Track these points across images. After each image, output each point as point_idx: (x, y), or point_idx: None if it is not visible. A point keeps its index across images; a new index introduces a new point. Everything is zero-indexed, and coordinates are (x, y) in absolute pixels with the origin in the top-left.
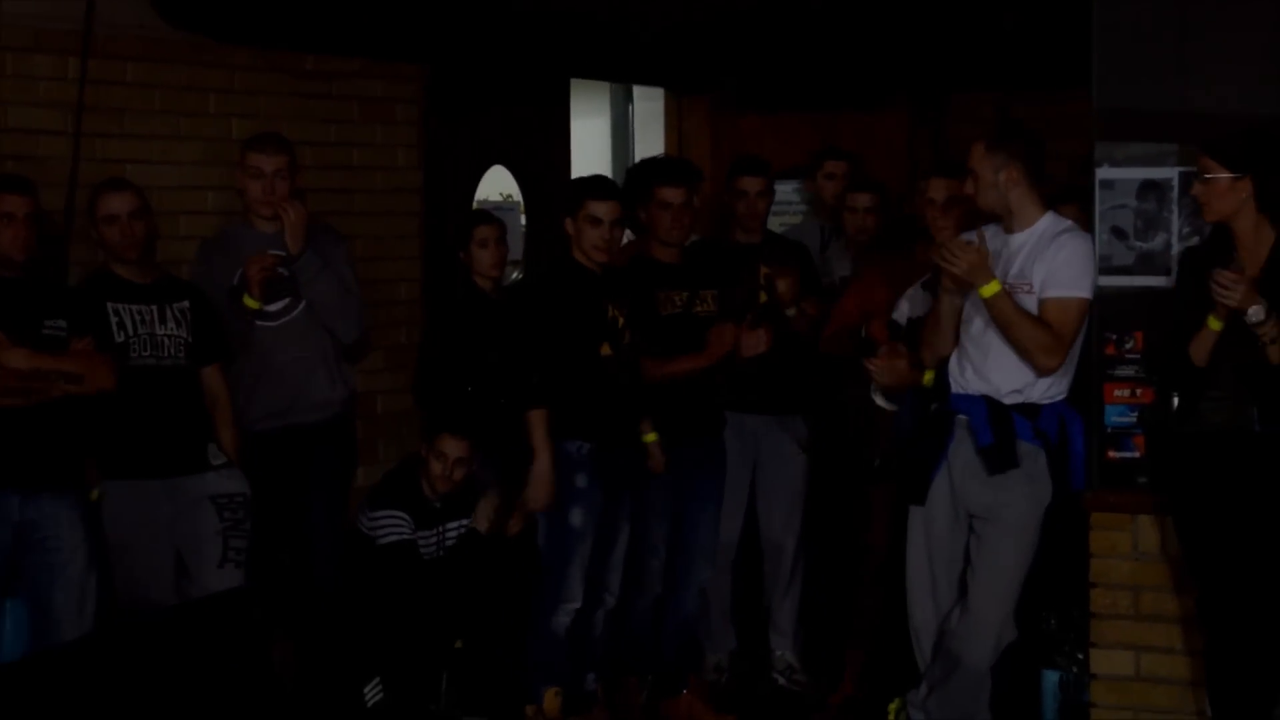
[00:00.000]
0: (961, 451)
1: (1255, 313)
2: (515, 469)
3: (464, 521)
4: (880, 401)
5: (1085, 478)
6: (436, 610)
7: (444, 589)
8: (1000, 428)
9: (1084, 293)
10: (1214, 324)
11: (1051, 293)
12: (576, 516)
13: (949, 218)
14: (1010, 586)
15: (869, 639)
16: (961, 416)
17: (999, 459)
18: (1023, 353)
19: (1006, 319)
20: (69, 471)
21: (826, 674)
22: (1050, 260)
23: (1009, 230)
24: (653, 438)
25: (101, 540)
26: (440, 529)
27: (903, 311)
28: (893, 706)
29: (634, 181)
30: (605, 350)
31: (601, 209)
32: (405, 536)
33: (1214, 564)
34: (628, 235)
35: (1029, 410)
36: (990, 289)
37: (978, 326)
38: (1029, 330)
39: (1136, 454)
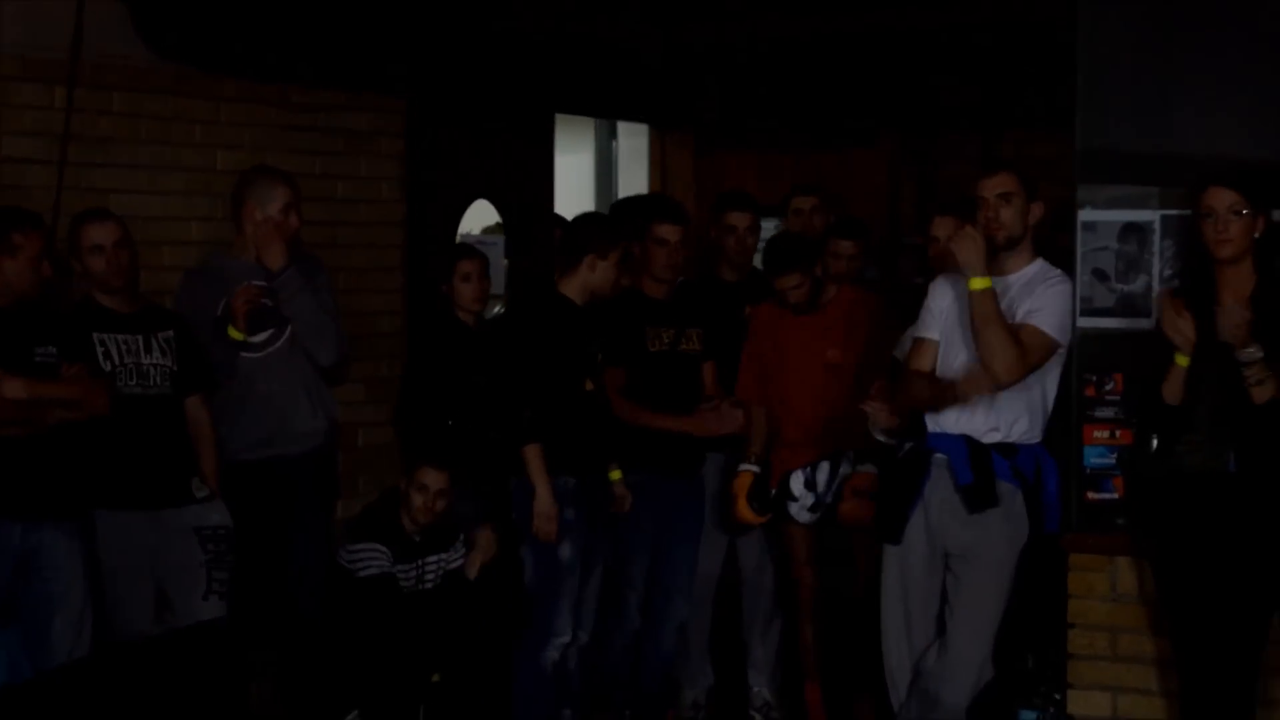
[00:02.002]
0: (939, 490)
1: (1250, 352)
2: (496, 502)
3: (443, 555)
4: (881, 438)
5: (1061, 519)
6: (414, 643)
7: (422, 622)
8: (980, 467)
9: (1059, 336)
10: (1181, 360)
11: (1032, 320)
12: (566, 550)
13: (953, 255)
14: (989, 625)
15: (837, 675)
16: (939, 455)
17: (979, 498)
18: (987, 356)
19: (985, 316)
20: (69, 500)
21: (803, 712)
22: (1039, 297)
23: (1001, 272)
24: (617, 475)
25: (98, 570)
26: (419, 563)
27: (904, 349)
28: None
29: (628, 217)
30: (588, 385)
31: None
32: (385, 570)
33: (1189, 606)
34: None
35: (1007, 450)
36: (980, 283)
37: (958, 368)
38: (1001, 336)
39: (1115, 495)
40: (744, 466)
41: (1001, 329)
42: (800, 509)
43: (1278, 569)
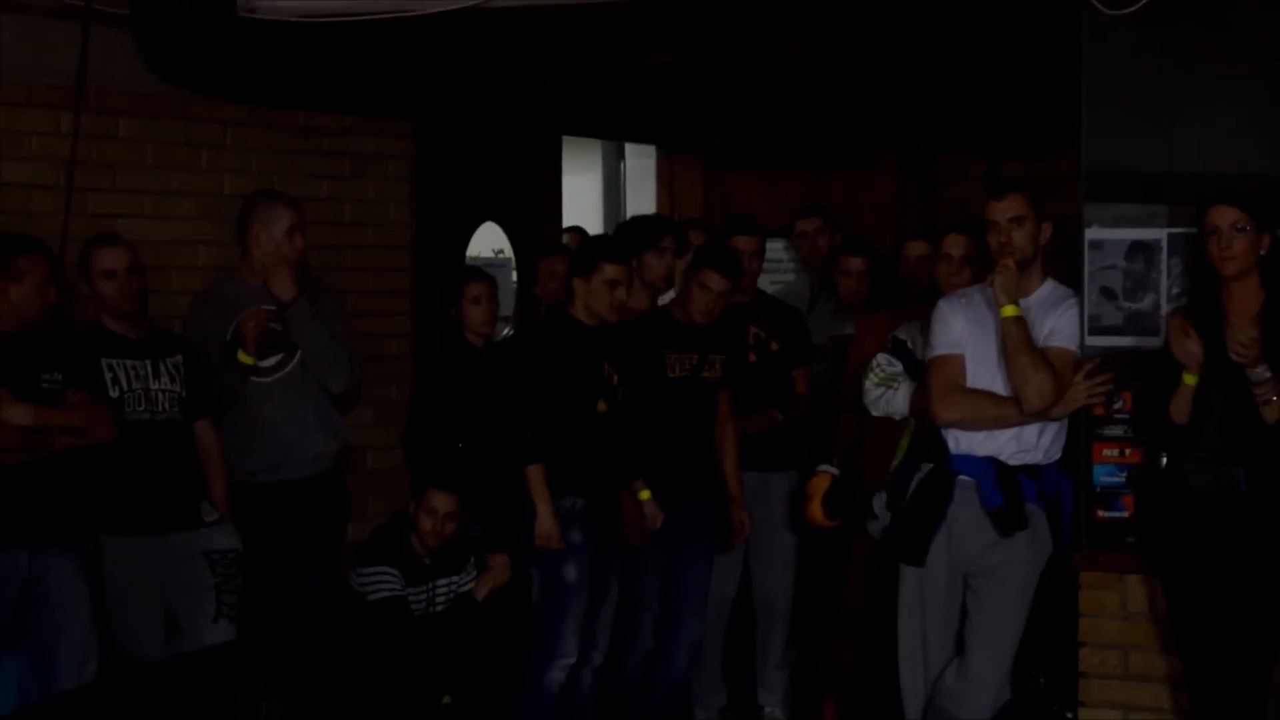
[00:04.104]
0: (963, 512)
1: (1259, 372)
2: (505, 524)
3: (454, 579)
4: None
5: (1071, 538)
6: (425, 665)
7: (433, 645)
8: (1009, 489)
9: (1078, 353)
10: (1189, 379)
11: (1056, 342)
12: (571, 572)
13: (964, 274)
14: (1011, 646)
15: (845, 692)
16: (964, 478)
17: (1009, 521)
18: (1020, 382)
19: (1016, 343)
20: (75, 526)
21: None
22: (1058, 318)
23: None
24: (646, 495)
25: (103, 595)
26: (430, 585)
27: (917, 340)
28: None
29: (631, 236)
30: (601, 407)
31: (618, 272)
32: (396, 593)
33: (1200, 624)
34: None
35: (1032, 471)
36: (1012, 310)
37: (985, 386)
38: (1033, 363)
39: (1125, 514)
40: (823, 468)
41: (1034, 354)
42: (879, 528)
43: None
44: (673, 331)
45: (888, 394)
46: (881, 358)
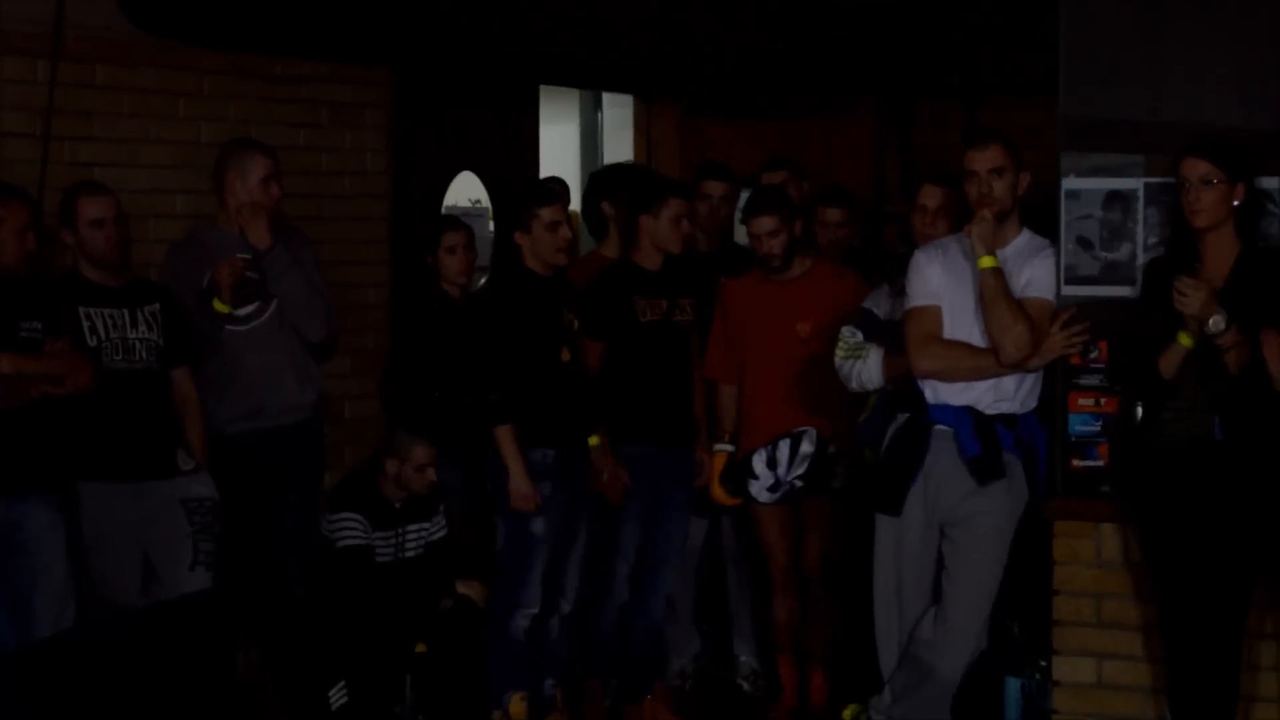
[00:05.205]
0: (940, 462)
1: (1215, 322)
2: (479, 475)
3: (424, 525)
4: (870, 388)
5: (1046, 487)
6: (397, 613)
7: (404, 591)
8: (986, 439)
9: (1054, 303)
10: (1185, 340)
11: (1033, 293)
12: (539, 524)
13: (939, 225)
14: (989, 596)
15: (817, 647)
16: (941, 427)
17: (987, 470)
18: (998, 333)
19: (994, 295)
20: (52, 474)
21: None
22: (1036, 268)
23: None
24: (595, 441)
25: (80, 542)
26: (400, 531)
27: (884, 308)
28: (847, 713)
29: (607, 186)
30: (565, 356)
31: (553, 213)
32: (360, 540)
33: (1174, 572)
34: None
35: (1009, 421)
36: (990, 261)
37: (962, 338)
38: (1011, 314)
39: (1100, 463)
40: (718, 446)
41: (1012, 306)
42: (760, 488)
43: (1262, 535)
44: (639, 278)
45: (858, 365)
46: (845, 329)
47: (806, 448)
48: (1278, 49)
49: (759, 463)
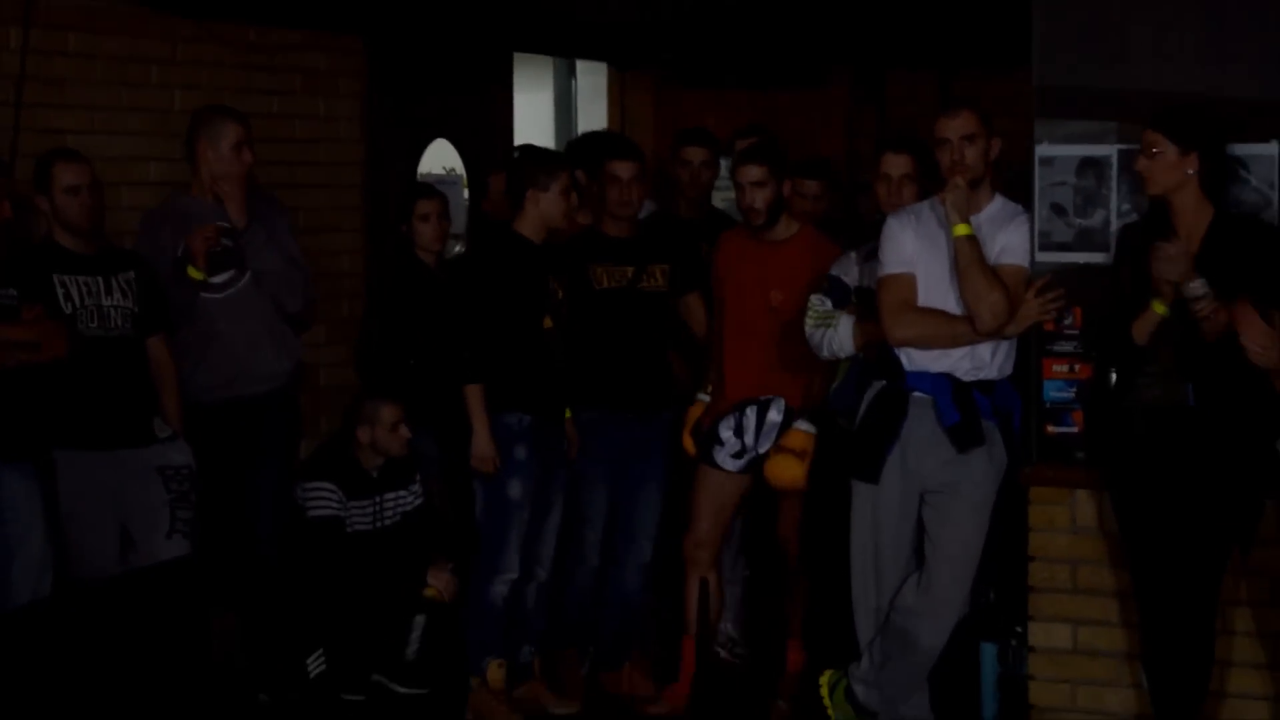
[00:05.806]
0: (918, 429)
1: (1194, 287)
2: (454, 442)
3: (401, 494)
4: (841, 355)
5: (1023, 453)
6: (382, 579)
7: (383, 560)
8: (965, 406)
9: (1029, 270)
10: (1159, 308)
11: (1007, 259)
12: (515, 488)
13: (905, 192)
14: (972, 563)
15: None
16: (919, 394)
17: (966, 437)
18: (974, 301)
19: (969, 262)
20: (28, 441)
21: (768, 654)
22: (1010, 234)
23: None
24: (566, 415)
25: (57, 510)
26: (377, 499)
27: (853, 275)
28: (824, 679)
29: (582, 154)
30: (547, 323)
31: (558, 183)
32: (332, 511)
33: (1149, 538)
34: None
35: (985, 387)
36: (964, 229)
37: (937, 305)
38: (986, 282)
39: (1075, 429)
40: (700, 396)
41: (987, 274)
42: (725, 455)
43: (1236, 501)
44: (600, 245)
45: (829, 334)
46: (814, 298)
47: (774, 416)
48: (1247, 16)
49: (725, 429)
